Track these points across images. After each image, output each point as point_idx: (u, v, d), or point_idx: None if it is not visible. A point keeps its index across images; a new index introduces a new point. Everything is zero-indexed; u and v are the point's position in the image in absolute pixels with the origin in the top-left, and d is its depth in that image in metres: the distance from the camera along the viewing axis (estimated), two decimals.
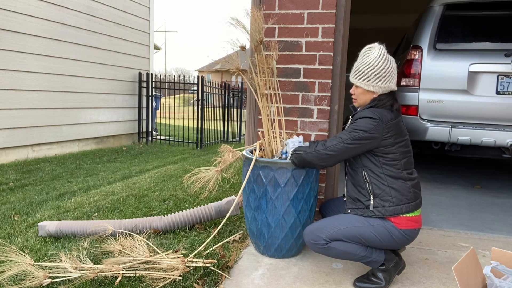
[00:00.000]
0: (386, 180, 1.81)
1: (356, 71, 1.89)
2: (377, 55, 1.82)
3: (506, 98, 3.51)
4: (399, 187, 1.81)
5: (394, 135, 1.80)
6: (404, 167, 1.82)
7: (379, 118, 1.78)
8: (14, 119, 5.04)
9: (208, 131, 7.60)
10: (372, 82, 1.84)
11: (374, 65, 1.82)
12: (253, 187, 2.15)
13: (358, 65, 1.88)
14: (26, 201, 3.28)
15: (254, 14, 2.19)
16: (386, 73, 1.82)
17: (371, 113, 1.80)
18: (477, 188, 4.14)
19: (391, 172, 1.81)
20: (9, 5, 4.84)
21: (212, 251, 2.24)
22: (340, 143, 1.82)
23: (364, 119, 1.81)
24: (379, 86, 1.84)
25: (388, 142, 1.80)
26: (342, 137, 1.83)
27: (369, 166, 1.85)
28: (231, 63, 2.25)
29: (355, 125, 1.82)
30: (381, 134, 1.78)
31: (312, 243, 1.86)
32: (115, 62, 6.79)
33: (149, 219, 2.53)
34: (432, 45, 3.72)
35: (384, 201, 1.81)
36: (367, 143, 1.80)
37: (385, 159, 1.82)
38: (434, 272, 2.12)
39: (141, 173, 4.57)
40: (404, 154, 1.83)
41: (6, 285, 1.84)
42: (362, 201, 1.88)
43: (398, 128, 1.83)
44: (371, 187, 1.84)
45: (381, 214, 1.81)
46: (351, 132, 1.81)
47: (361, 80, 1.86)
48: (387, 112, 1.82)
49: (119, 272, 1.91)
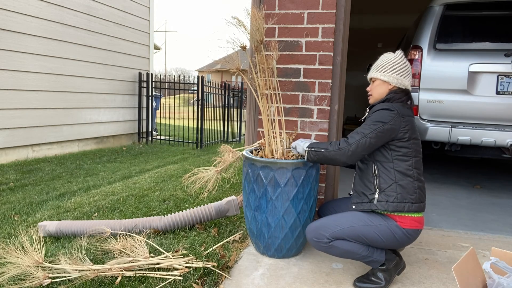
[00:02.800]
0: (395, 176, 1.83)
1: (374, 67, 2.01)
2: (396, 55, 1.97)
3: (506, 98, 3.51)
4: (406, 185, 1.82)
5: (410, 130, 1.84)
6: (414, 166, 1.84)
7: (397, 110, 1.84)
8: (14, 119, 5.04)
9: (208, 131, 7.60)
10: (388, 72, 1.94)
11: (392, 60, 1.95)
12: (253, 187, 2.15)
13: (377, 63, 2.02)
14: (26, 201, 3.28)
15: (254, 14, 2.19)
16: (403, 68, 1.94)
17: (388, 105, 1.87)
18: (477, 188, 4.13)
19: (401, 167, 1.83)
20: (9, 5, 4.84)
21: (212, 251, 2.24)
22: (363, 138, 1.83)
23: (382, 111, 1.85)
24: (394, 77, 1.93)
25: (404, 135, 1.83)
26: (363, 132, 1.85)
27: (380, 160, 1.87)
28: (232, 63, 2.25)
29: (374, 118, 1.85)
30: (399, 126, 1.82)
31: (315, 241, 1.87)
32: (115, 62, 6.79)
33: (149, 219, 2.53)
34: (432, 45, 3.72)
35: (389, 196, 1.82)
36: (388, 134, 1.83)
37: (398, 153, 1.84)
38: (434, 272, 2.12)
39: (141, 173, 4.57)
40: (416, 152, 1.86)
41: (6, 285, 1.84)
42: (367, 195, 1.89)
43: (413, 126, 1.88)
44: (378, 181, 1.86)
45: (383, 209, 1.81)
46: (371, 125, 1.84)
47: (377, 72, 1.98)
48: (403, 107, 1.88)
49: (119, 272, 1.91)
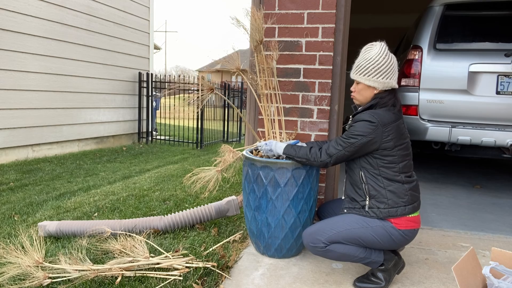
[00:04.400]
0: (382, 182, 1.81)
1: (357, 67, 1.89)
2: (378, 51, 1.82)
3: (506, 98, 3.51)
4: (396, 190, 1.80)
5: (394, 138, 1.79)
6: (402, 170, 1.82)
7: (378, 122, 1.77)
8: (14, 119, 5.04)
9: (208, 131, 7.60)
10: (373, 77, 1.83)
11: (375, 60, 1.82)
12: (253, 187, 2.15)
13: (359, 61, 1.88)
14: (26, 201, 3.28)
15: (254, 14, 2.19)
16: (387, 69, 1.82)
17: (370, 116, 1.79)
18: (477, 188, 4.13)
19: (387, 174, 1.81)
20: (9, 5, 4.84)
21: (212, 251, 2.24)
22: (342, 151, 1.84)
23: (363, 123, 1.80)
24: (379, 81, 1.83)
25: (388, 145, 1.79)
26: (342, 144, 1.84)
27: (366, 167, 1.85)
28: (231, 63, 2.25)
29: (354, 130, 1.81)
30: (380, 138, 1.78)
31: (311, 246, 1.86)
32: (115, 62, 6.79)
33: (149, 219, 2.53)
34: (432, 45, 3.72)
35: (380, 202, 1.81)
36: (367, 147, 1.80)
37: (383, 161, 1.81)
38: (434, 272, 2.12)
39: (141, 173, 4.57)
40: (403, 158, 1.82)
41: (6, 285, 1.84)
42: (358, 201, 1.88)
43: (399, 131, 1.82)
44: (367, 188, 1.84)
45: (376, 216, 1.81)
46: (350, 139, 1.82)
47: (361, 75, 1.86)
48: (388, 114, 1.81)
49: (119, 272, 1.91)
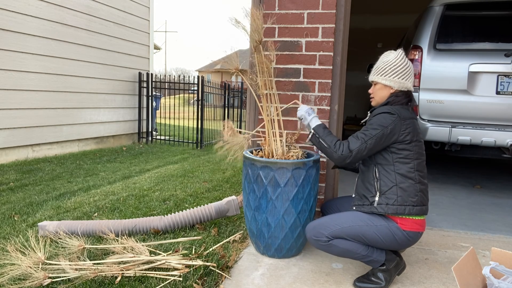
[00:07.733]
0: (395, 178, 1.82)
1: (375, 69, 1.98)
2: (396, 55, 1.93)
3: (506, 98, 3.51)
4: (407, 188, 1.81)
5: (411, 132, 1.83)
6: (417, 168, 1.83)
7: (397, 114, 1.82)
8: (14, 119, 5.04)
9: (208, 131, 7.60)
10: (389, 76, 1.91)
11: (392, 63, 1.92)
12: (253, 187, 2.15)
13: (377, 65, 1.97)
14: (26, 201, 3.28)
15: (253, 14, 2.19)
16: (403, 70, 1.90)
17: (389, 108, 1.86)
18: (477, 188, 4.13)
19: (402, 170, 1.82)
20: (9, 5, 4.84)
21: (212, 251, 2.24)
22: (363, 144, 1.83)
23: (382, 115, 1.84)
24: (396, 81, 1.90)
25: (406, 138, 1.82)
26: (363, 138, 1.84)
27: (381, 163, 1.87)
28: (231, 64, 2.25)
29: (374, 122, 1.84)
30: (399, 129, 1.82)
31: (314, 239, 1.87)
32: (115, 62, 6.79)
33: (149, 219, 2.53)
34: (432, 45, 3.72)
35: (389, 198, 1.82)
36: (387, 139, 1.82)
37: (399, 156, 1.83)
38: (434, 272, 2.12)
39: (141, 173, 4.56)
40: (418, 155, 1.85)
41: (7, 285, 1.84)
42: (367, 197, 1.89)
43: (416, 128, 1.87)
44: (379, 184, 1.86)
45: (383, 211, 1.81)
46: (371, 130, 1.83)
47: (379, 76, 1.94)
48: (404, 110, 1.87)
49: (119, 272, 1.91)
